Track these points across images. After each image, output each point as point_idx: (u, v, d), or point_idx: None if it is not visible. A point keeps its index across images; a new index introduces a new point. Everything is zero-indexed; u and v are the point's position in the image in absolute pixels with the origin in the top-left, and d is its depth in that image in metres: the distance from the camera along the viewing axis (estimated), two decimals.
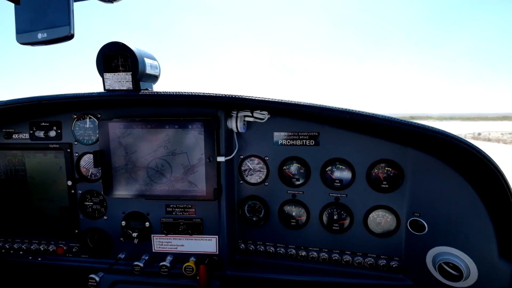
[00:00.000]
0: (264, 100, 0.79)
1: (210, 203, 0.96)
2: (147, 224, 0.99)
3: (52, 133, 1.01)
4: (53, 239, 1.05)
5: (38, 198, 1.07)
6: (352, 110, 0.73)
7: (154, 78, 0.92)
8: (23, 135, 1.02)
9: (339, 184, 0.93)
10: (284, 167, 0.97)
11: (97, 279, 0.89)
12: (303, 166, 0.95)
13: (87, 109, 0.98)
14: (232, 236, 1.00)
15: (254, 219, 1.01)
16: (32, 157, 1.05)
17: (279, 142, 0.96)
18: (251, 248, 1.02)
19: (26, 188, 1.06)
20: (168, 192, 0.93)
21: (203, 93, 0.81)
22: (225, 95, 0.80)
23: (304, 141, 0.95)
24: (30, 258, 1.04)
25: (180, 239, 0.99)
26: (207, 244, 0.99)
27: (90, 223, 1.03)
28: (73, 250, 1.05)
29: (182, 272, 0.98)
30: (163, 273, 0.94)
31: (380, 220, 0.93)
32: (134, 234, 0.99)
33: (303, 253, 0.99)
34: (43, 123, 1.01)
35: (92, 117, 0.98)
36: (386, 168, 0.90)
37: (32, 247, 1.06)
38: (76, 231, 1.03)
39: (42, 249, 1.05)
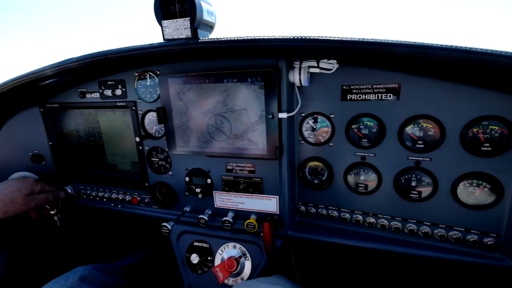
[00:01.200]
0: (348, 40, 0.67)
1: (271, 162, 0.94)
2: (208, 181, 1.03)
3: (118, 92, 1.06)
4: (128, 190, 1.17)
5: (112, 153, 1.18)
6: (458, 47, 0.58)
7: (210, 28, 0.87)
8: (94, 94, 1.11)
9: (422, 146, 0.81)
10: (353, 126, 0.87)
11: (169, 227, 0.97)
12: (377, 124, 0.84)
13: (147, 65, 1.00)
14: (292, 197, 0.98)
15: (316, 181, 0.97)
16: (104, 115, 1.14)
17: (348, 97, 0.85)
18: (311, 211, 1.00)
19: (102, 144, 1.18)
20: (228, 150, 0.93)
21: (270, 37, 0.73)
22: (296, 37, 0.71)
23: (380, 95, 0.82)
24: (112, 205, 1.18)
25: (240, 196, 1.01)
26: (268, 204, 0.99)
27: (158, 177, 1.11)
28: (145, 201, 1.16)
29: (243, 228, 1.01)
30: (226, 227, 0.98)
31: (474, 189, 0.79)
32: (198, 190, 1.04)
33: (371, 220, 0.92)
34: (109, 82, 1.07)
35: (152, 74, 1.00)
36: (491, 127, 0.73)
37: (112, 196, 1.20)
38: (146, 184, 1.12)
39: (120, 198, 1.18)
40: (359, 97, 0.85)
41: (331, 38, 0.68)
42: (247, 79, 0.85)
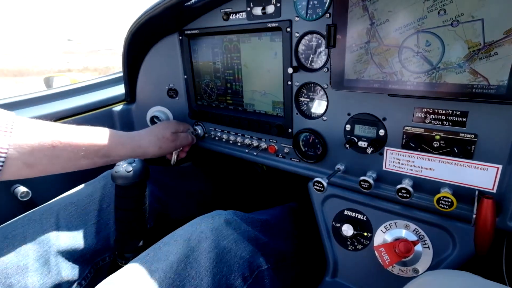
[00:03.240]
0: None
1: (503, 110, 0.62)
2: (381, 132, 0.78)
3: (270, 8, 0.89)
4: (265, 135, 1.03)
5: (251, 90, 1.05)
6: None
7: None
8: (240, 15, 0.96)
9: None
10: None
11: (324, 183, 0.79)
12: None
13: None
14: None
15: None
16: (247, 42, 1.00)
17: None
18: None
19: (240, 78, 1.05)
20: (428, 87, 0.66)
21: None
22: None
23: None
24: (246, 151, 1.08)
25: (429, 159, 0.74)
26: (477, 175, 0.69)
27: (306, 122, 0.93)
28: (284, 151, 1.01)
29: (425, 204, 0.75)
30: (401, 199, 0.74)
31: None
32: (363, 144, 0.81)
33: None
34: None
35: None
36: None
37: (245, 141, 1.09)
38: (290, 130, 0.95)
39: (255, 144, 1.06)
40: None
41: None
42: None
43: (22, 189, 1.01)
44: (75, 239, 0.86)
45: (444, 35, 0.62)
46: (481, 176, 0.69)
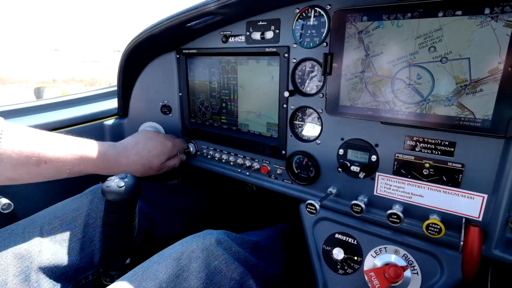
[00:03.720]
0: None
1: (488, 142, 0.67)
2: (373, 157, 0.82)
3: (269, 34, 0.93)
4: (258, 156, 1.05)
5: (246, 110, 1.07)
6: None
7: None
8: (239, 38, 1.00)
9: None
10: None
11: (317, 206, 0.81)
12: None
13: None
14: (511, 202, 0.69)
15: None
16: (245, 64, 1.03)
17: None
18: None
19: (235, 99, 1.08)
20: (419, 118, 0.70)
21: None
22: None
23: None
24: (239, 171, 1.09)
25: (418, 186, 0.77)
26: (464, 203, 0.73)
27: (299, 145, 0.95)
28: (277, 172, 1.02)
29: (416, 231, 0.78)
30: (392, 224, 0.76)
31: None
32: (355, 168, 0.84)
33: None
34: (260, 22, 0.94)
35: (319, 9, 0.82)
36: None
37: (238, 160, 1.10)
38: (283, 152, 0.98)
39: (247, 164, 1.08)
40: None
41: None
42: (483, 11, 0.59)
43: (3, 200, 0.97)
44: (58, 255, 0.84)
45: (434, 70, 0.67)
46: (468, 204, 0.72)
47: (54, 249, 0.84)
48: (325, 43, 0.84)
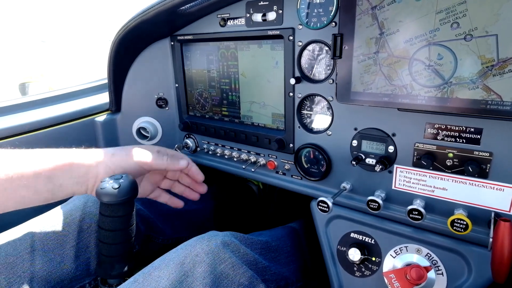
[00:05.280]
0: None
1: None
2: (390, 148, 0.80)
3: (272, 15, 0.91)
4: (264, 150, 1.05)
5: (249, 101, 1.06)
6: None
7: None
8: (238, 21, 0.99)
9: None
10: None
11: (329, 203, 0.80)
12: None
13: None
14: None
15: None
16: (246, 50, 1.02)
17: None
18: None
19: (237, 88, 1.07)
20: (440, 102, 0.68)
21: None
22: None
23: None
24: (243, 167, 1.08)
25: (441, 178, 0.76)
26: (493, 196, 0.71)
27: (308, 137, 0.94)
28: (285, 167, 1.02)
29: (438, 226, 0.77)
30: (412, 221, 0.75)
31: None
32: (371, 161, 0.83)
33: None
34: (261, 2, 0.92)
35: None
36: None
37: (241, 156, 1.10)
38: (291, 145, 0.97)
39: (252, 160, 1.07)
40: None
41: None
42: None
43: None
44: (51, 263, 0.85)
45: (456, 49, 0.65)
46: (497, 197, 0.71)
47: (47, 257, 0.85)
48: (333, 23, 0.82)
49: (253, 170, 1.08)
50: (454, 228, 0.72)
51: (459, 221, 0.71)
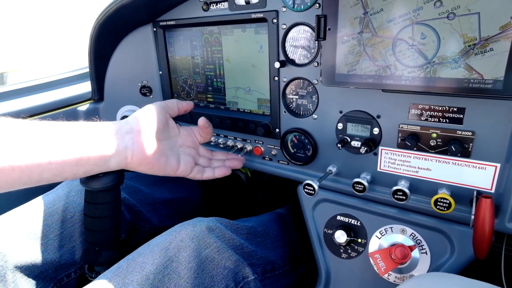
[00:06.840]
0: None
1: (496, 107, 0.65)
2: (375, 130, 0.80)
3: None
4: (250, 136, 1.03)
5: (234, 86, 1.04)
6: None
7: None
8: (221, 5, 0.96)
9: None
10: None
11: (315, 186, 0.80)
12: None
13: None
14: None
15: None
16: (229, 34, 0.99)
17: None
18: None
19: (222, 74, 1.05)
20: (423, 82, 0.68)
21: None
22: None
23: None
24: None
25: (425, 159, 0.76)
26: (475, 175, 0.72)
27: (294, 121, 0.93)
28: (271, 152, 1.01)
29: (422, 206, 0.77)
30: (397, 201, 0.76)
31: None
32: (356, 143, 0.82)
33: None
34: None
35: None
36: None
37: (228, 142, 1.08)
38: (277, 130, 0.96)
39: (239, 146, 1.06)
40: None
41: None
42: None
43: None
44: (34, 253, 0.82)
45: (439, 28, 0.64)
46: (479, 175, 0.72)
47: (30, 247, 0.82)
48: (317, 4, 0.80)
49: (240, 155, 1.07)
50: (438, 207, 0.72)
51: (442, 200, 0.72)
